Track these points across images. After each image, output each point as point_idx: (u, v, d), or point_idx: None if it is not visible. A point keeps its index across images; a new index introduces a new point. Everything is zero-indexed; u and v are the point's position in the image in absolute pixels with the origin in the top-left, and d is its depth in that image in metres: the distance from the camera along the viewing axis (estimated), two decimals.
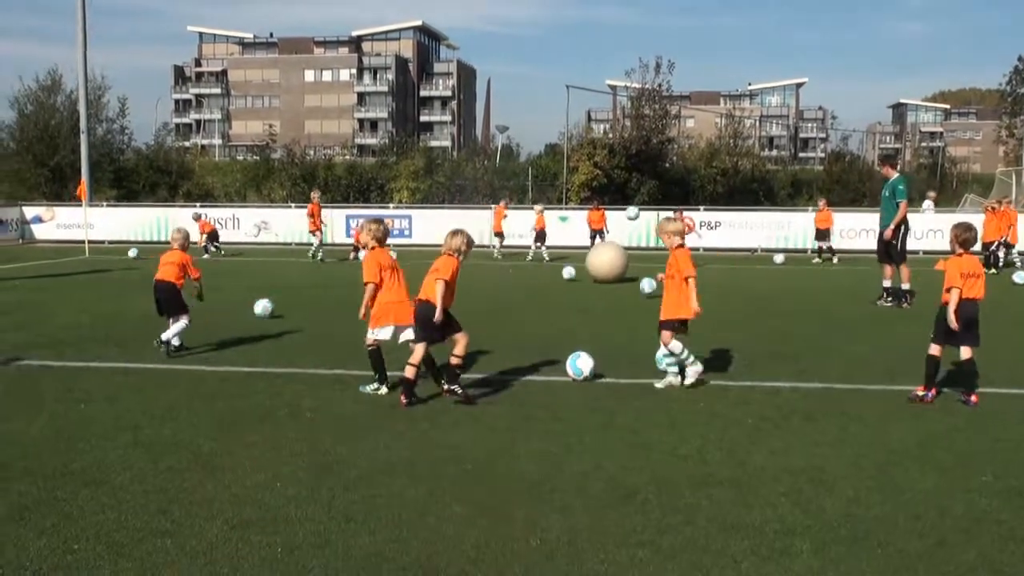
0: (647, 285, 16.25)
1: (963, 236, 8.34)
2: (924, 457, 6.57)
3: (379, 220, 8.80)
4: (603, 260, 19.56)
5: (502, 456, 6.52)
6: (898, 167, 16.45)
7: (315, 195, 27.19)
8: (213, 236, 28.60)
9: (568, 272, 19.88)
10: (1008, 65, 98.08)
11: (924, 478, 6.09)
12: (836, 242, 27.89)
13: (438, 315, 7.83)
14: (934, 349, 8.36)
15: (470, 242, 8.23)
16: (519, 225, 29.84)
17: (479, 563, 4.67)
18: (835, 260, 25.86)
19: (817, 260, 26.12)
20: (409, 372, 7.97)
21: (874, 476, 6.14)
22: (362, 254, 8.87)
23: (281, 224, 32.92)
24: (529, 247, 26.80)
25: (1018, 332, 12.65)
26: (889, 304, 15.19)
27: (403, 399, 7.94)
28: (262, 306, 13.44)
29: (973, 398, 8.16)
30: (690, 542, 4.96)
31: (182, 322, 10.33)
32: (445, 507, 5.46)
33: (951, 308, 8.07)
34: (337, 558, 4.71)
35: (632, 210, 24.81)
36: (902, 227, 15.21)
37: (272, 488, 5.78)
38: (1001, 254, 23.91)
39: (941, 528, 5.19)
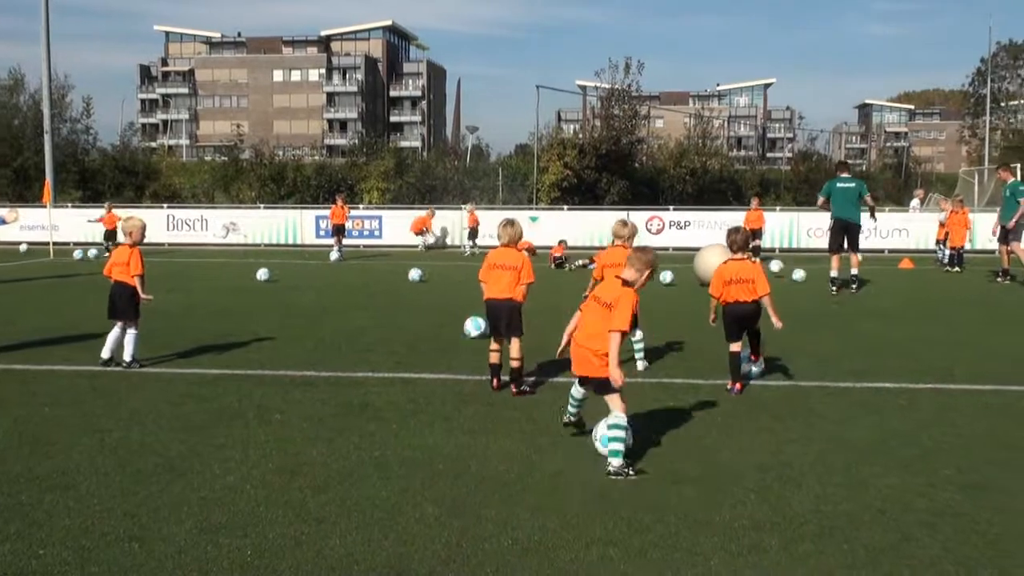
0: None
1: (732, 238, 8.84)
2: (888, 453, 6.66)
3: (512, 221, 8.91)
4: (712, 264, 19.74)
5: (474, 456, 6.53)
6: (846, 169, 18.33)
7: (339, 199, 28.58)
8: (110, 235, 27.77)
9: (414, 274, 19.71)
10: (971, 66, 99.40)
11: (888, 473, 6.17)
12: (804, 241, 28.16)
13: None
14: (733, 347, 8.70)
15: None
16: (489, 225, 30.05)
17: (451, 563, 4.68)
18: (756, 260, 26.09)
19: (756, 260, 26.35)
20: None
21: (840, 472, 6.21)
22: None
23: (250, 225, 32.73)
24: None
25: (983, 330, 12.83)
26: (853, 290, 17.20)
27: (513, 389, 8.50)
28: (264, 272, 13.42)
29: (732, 385, 8.57)
30: (660, 540, 4.99)
31: (134, 334, 9.67)
32: (417, 508, 5.46)
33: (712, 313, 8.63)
34: (308, 560, 4.69)
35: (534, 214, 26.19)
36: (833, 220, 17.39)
37: (242, 491, 5.75)
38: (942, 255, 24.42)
39: (905, 522, 5.26)
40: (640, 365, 9.55)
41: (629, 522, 5.24)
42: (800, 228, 30.67)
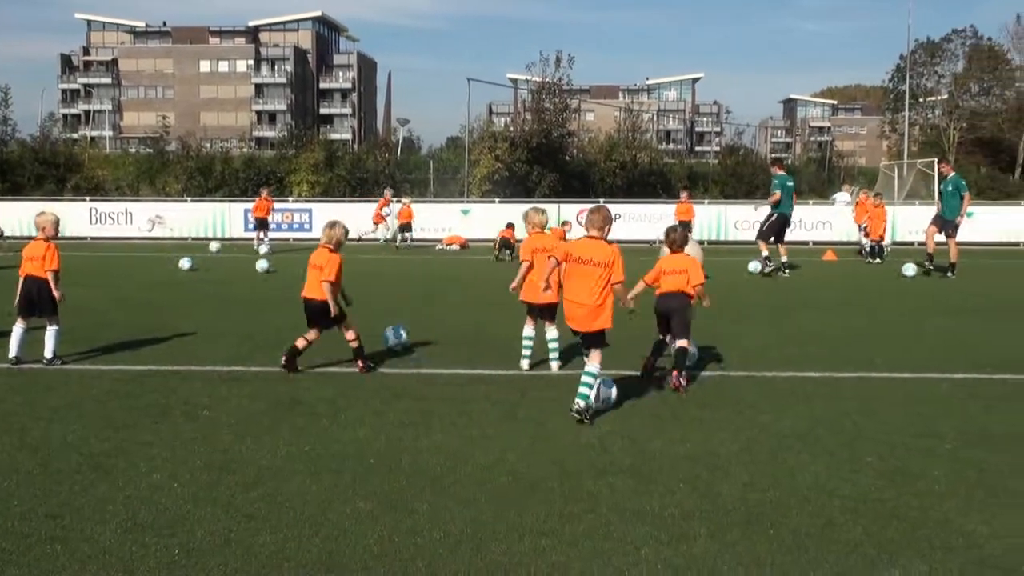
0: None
1: (671, 237, 9.16)
2: (814, 441, 6.80)
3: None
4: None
5: (406, 450, 6.50)
6: (783, 166, 21.08)
7: (388, 192, 30.07)
8: None
9: (261, 265, 20.16)
10: (891, 64, 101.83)
11: (814, 461, 6.29)
12: (732, 233, 28.56)
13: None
14: (660, 335, 9.05)
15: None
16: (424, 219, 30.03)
17: (383, 558, 4.65)
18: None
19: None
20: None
21: (767, 461, 6.32)
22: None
23: (176, 218, 32.12)
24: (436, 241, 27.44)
25: (903, 320, 13.16)
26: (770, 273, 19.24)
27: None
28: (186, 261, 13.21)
29: (679, 379, 8.50)
30: (592, 530, 5.03)
31: (55, 329, 9.40)
32: (348, 503, 5.41)
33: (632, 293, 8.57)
34: (237, 558, 4.62)
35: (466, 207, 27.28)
36: (774, 212, 19.60)
37: (168, 489, 5.64)
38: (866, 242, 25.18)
39: (830, 508, 5.38)
40: (555, 366, 9.23)
41: (561, 513, 5.27)
42: (728, 221, 31.12)
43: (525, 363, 9.24)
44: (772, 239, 19.67)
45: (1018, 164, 75.33)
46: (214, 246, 21.19)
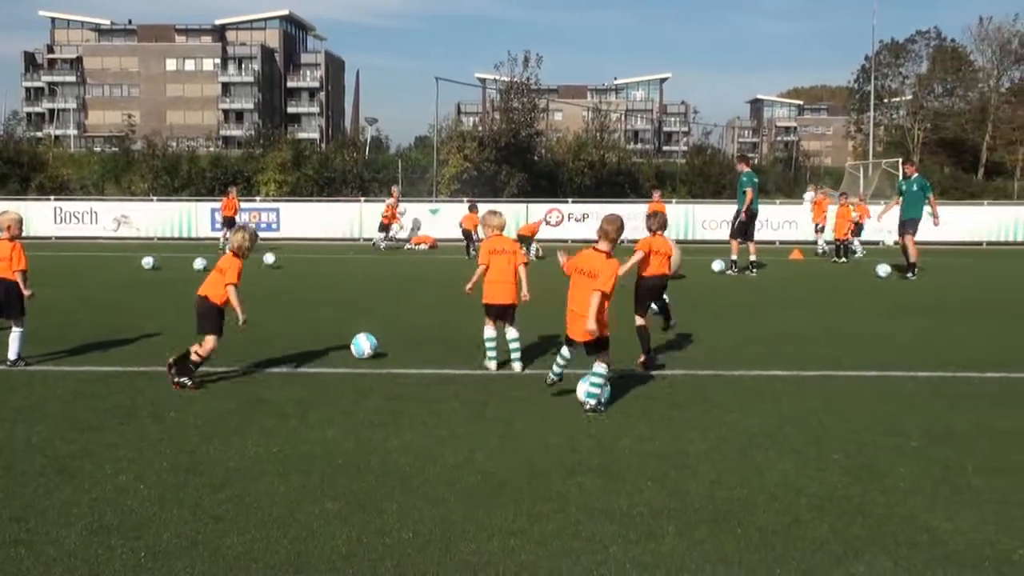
0: None
1: (651, 221, 9.70)
2: (781, 439, 6.85)
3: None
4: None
5: (374, 451, 6.48)
6: (750, 163, 21.64)
7: (396, 189, 29.70)
8: None
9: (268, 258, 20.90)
10: (856, 64, 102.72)
11: (781, 459, 6.34)
12: (700, 233, 28.70)
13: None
14: (639, 320, 9.37)
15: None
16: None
17: (351, 558, 4.63)
18: None
19: None
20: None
21: (735, 459, 6.36)
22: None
23: (142, 218, 31.80)
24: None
25: (868, 320, 13.30)
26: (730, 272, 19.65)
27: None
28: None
29: (642, 358, 9.19)
30: (561, 529, 5.03)
31: (20, 331, 9.26)
32: (316, 503, 5.39)
33: (627, 265, 9.03)
34: (204, 560, 4.59)
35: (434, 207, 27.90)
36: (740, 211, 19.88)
37: (134, 491, 5.58)
38: (821, 241, 25.60)
39: (796, 506, 5.42)
40: (517, 366, 9.19)
41: (529, 512, 5.27)
42: (696, 220, 31.29)
43: (492, 364, 9.22)
44: (742, 238, 19.93)
45: (981, 164, 76.35)
46: (269, 257, 20.44)
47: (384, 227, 28.26)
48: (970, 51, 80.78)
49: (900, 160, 31.84)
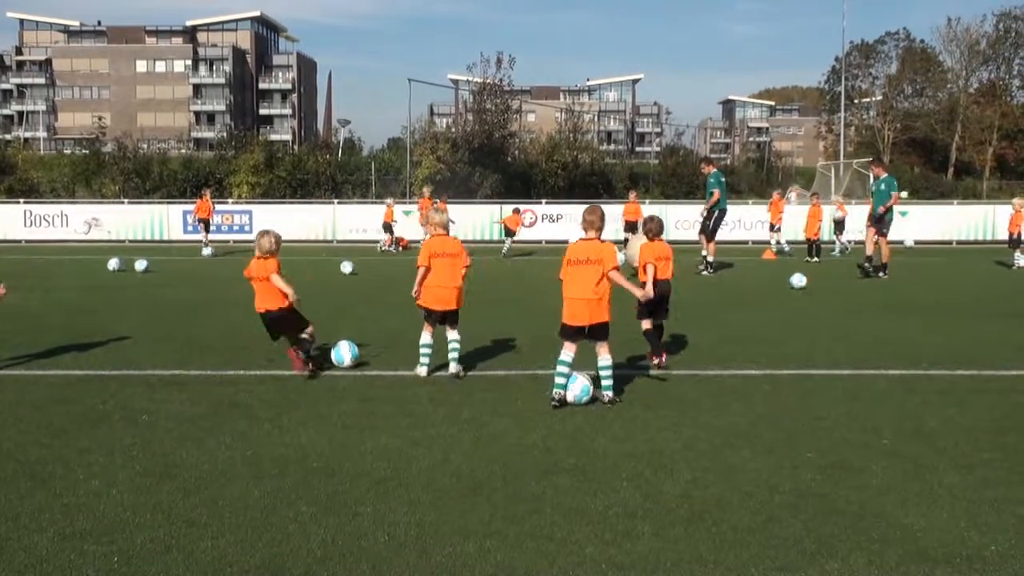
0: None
1: (648, 226, 9.73)
2: (755, 437, 6.88)
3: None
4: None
5: (349, 453, 6.45)
6: (715, 164, 21.87)
7: (426, 190, 28.69)
8: None
9: (346, 267, 20.32)
10: (827, 65, 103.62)
11: (755, 458, 6.38)
12: (673, 233, 28.69)
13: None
14: (646, 324, 9.34)
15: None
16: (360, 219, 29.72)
17: (327, 561, 4.61)
18: None
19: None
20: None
21: (710, 458, 6.39)
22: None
23: (113, 221, 31.52)
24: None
25: (840, 318, 13.40)
26: (705, 273, 19.78)
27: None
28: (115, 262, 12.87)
29: (655, 360, 9.19)
30: (536, 530, 5.03)
31: None
32: (291, 507, 5.36)
33: (649, 281, 9.12)
34: (179, 564, 4.55)
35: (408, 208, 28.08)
36: (715, 210, 20.02)
37: (107, 496, 5.53)
38: (774, 240, 25.85)
39: (770, 504, 5.45)
40: (453, 367, 8.90)
41: (505, 513, 5.27)
42: (668, 221, 31.33)
43: (422, 370, 8.95)
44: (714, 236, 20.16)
45: (950, 164, 77.20)
46: (347, 266, 19.98)
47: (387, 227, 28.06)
48: (939, 52, 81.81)
49: (869, 160, 32.09)
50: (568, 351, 7.81)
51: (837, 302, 15.21)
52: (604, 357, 7.82)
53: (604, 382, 7.84)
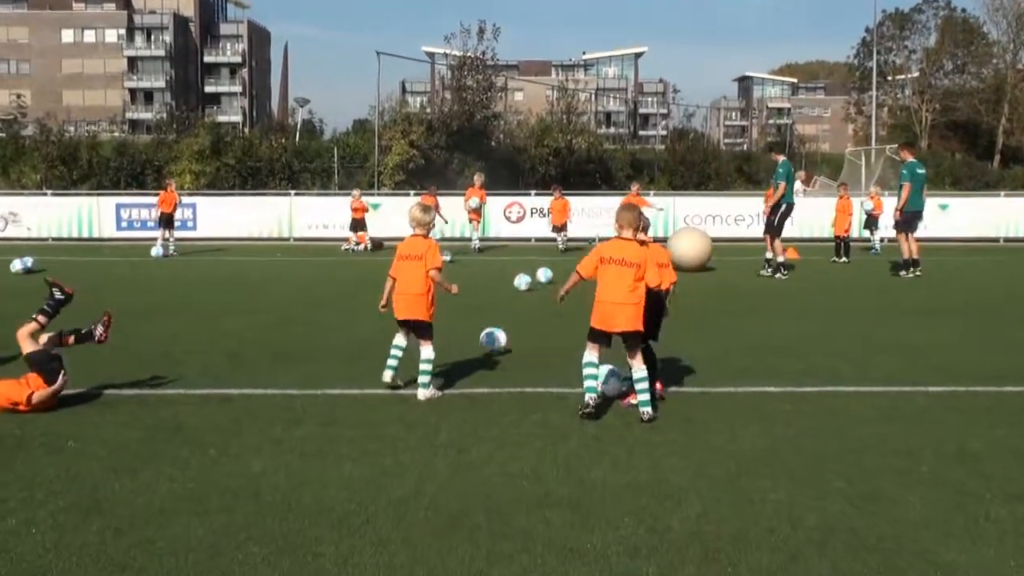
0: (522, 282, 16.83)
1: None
2: (775, 464, 6.89)
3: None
4: (692, 247, 21.10)
5: (308, 485, 6.43)
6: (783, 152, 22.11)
7: (478, 178, 28.87)
8: None
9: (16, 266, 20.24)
10: (856, 37, 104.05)
11: (775, 487, 6.38)
12: (680, 227, 28.78)
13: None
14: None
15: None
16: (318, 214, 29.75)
17: None
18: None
19: None
20: None
21: (723, 487, 6.39)
22: None
23: (34, 216, 31.38)
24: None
25: (870, 326, 13.44)
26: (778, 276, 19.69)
27: None
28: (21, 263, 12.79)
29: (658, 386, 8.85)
30: (525, 571, 5.03)
31: None
32: (240, 548, 5.33)
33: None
34: None
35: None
36: (782, 205, 19.85)
37: (25, 535, 5.50)
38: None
39: (794, 541, 5.45)
40: (420, 393, 8.76)
41: (489, 552, 5.25)
42: (677, 214, 31.44)
43: (387, 374, 9.01)
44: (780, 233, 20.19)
45: (997, 150, 77.48)
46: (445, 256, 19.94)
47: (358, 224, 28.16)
48: (983, 22, 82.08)
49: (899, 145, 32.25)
50: (592, 352, 8.04)
51: (865, 307, 15.26)
52: (639, 368, 7.97)
53: (641, 396, 7.98)
